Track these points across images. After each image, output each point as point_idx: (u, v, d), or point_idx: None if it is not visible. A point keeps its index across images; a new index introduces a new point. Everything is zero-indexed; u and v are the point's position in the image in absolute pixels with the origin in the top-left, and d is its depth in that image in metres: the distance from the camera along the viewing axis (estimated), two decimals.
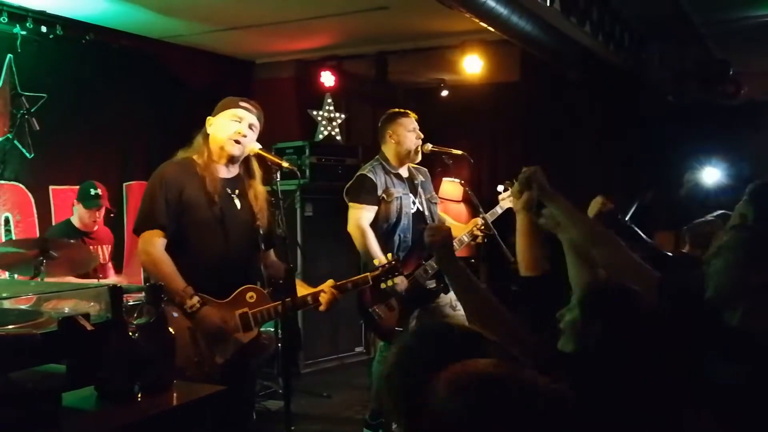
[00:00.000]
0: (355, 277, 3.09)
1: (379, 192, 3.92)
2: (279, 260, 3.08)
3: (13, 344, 1.46)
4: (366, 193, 3.91)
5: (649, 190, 5.24)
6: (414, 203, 4.03)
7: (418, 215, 4.03)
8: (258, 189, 2.96)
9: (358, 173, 4.04)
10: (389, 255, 3.20)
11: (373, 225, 3.91)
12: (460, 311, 4.11)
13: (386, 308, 3.87)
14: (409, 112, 4.11)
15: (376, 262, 3.31)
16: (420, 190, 4.10)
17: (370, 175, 3.95)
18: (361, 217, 3.88)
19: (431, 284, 3.99)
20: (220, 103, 2.95)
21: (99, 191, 4.56)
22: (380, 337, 4.01)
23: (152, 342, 1.68)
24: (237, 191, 2.90)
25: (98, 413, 1.60)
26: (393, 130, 4.02)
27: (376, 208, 3.91)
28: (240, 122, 2.86)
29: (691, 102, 6.16)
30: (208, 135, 2.88)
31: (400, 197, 3.97)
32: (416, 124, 4.05)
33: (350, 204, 3.95)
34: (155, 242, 2.70)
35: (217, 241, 2.79)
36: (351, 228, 3.91)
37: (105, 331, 1.60)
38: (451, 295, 4.13)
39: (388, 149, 4.05)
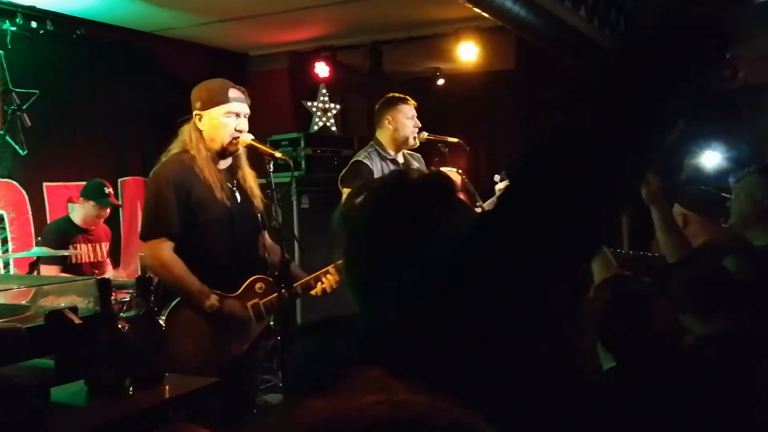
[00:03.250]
0: None
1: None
2: (275, 243, 3.05)
3: None
4: (360, 179, 3.76)
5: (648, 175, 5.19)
6: None
7: None
8: (246, 170, 2.91)
9: (353, 160, 3.94)
10: None
11: None
12: None
13: None
14: (408, 98, 4.02)
15: None
16: None
17: (366, 161, 3.86)
18: None
19: None
20: (203, 93, 2.80)
21: (110, 190, 4.57)
22: None
23: (142, 335, 1.65)
24: (235, 181, 2.87)
25: (88, 408, 1.58)
26: (392, 116, 3.91)
27: None
28: (237, 117, 2.79)
29: None
30: (200, 131, 2.77)
31: None
32: (415, 111, 3.97)
33: (345, 191, 3.84)
34: (164, 247, 2.65)
35: (227, 236, 2.76)
36: None
37: (94, 324, 1.57)
38: None
39: (384, 135, 3.95)
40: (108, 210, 4.60)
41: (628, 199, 0.91)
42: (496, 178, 4.17)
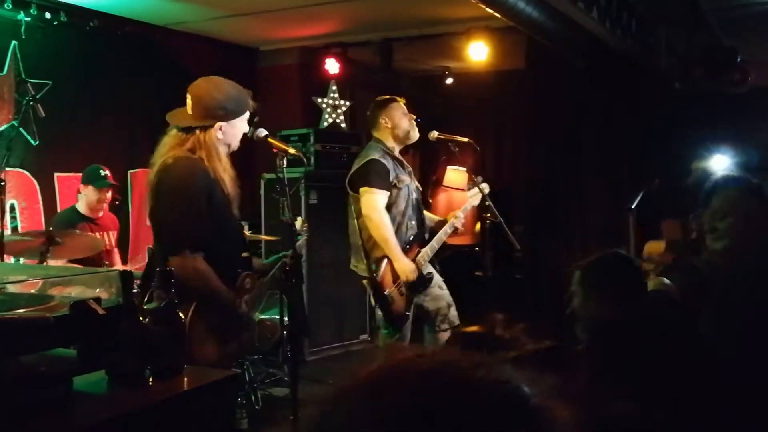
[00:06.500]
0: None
1: (391, 178, 3.91)
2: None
3: (25, 327, 1.45)
4: (379, 177, 3.86)
5: (656, 178, 5.21)
6: (414, 190, 4.08)
7: (416, 201, 4.08)
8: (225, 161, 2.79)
9: (367, 159, 3.95)
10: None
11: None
12: (446, 291, 4.15)
13: (398, 292, 3.90)
14: (396, 98, 4.13)
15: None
16: (413, 177, 4.17)
17: (383, 160, 3.91)
18: (378, 201, 3.82)
19: (428, 269, 4.06)
20: (227, 102, 2.66)
21: (107, 172, 4.56)
22: (391, 322, 3.98)
23: (163, 327, 1.68)
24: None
25: (109, 397, 1.61)
26: (387, 116, 4.01)
27: (388, 193, 3.87)
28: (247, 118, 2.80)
29: (698, 89, 6.13)
30: (218, 139, 2.67)
31: (408, 184, 3.99)
32: (405, 108, 4.08)
33: (363, 189, 3.86)
34: (197, 257, 2.56)
35: (234, 237, 2.79)
36: (369, 212, 3.81)
37: (116, 315, 1.60)
38: (437, 277, 4.18)
39: (384, 135, 4.03)
40: (108, 193, 4.57)
41: None
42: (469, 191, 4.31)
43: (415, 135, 4.07)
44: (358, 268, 4.03)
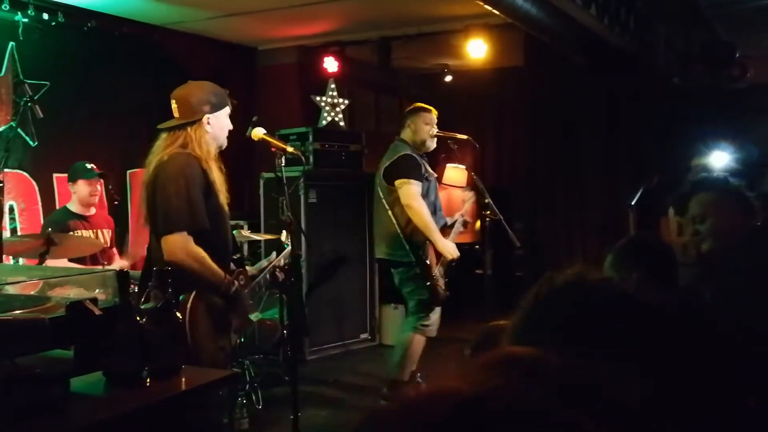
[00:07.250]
0: None
1: (422, 171, 4.14)
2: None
3: (20, 329, 1.45)
4: (414, 170, 4.11)
5: (655, 174, 5.21)
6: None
7: None
8: (214, 153, 2.88)
9: (401, 153, 4.16)
10: None
11: None
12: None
13: (440, 273, 4.17)
14: (431, 108, 4.35)
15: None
16: None
17: (415, 155, 4.16)
18: (416, 191, 4.07)
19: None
20: (210, 97, 2.80)
21: (92, 165, 4.54)
22: (435, 301, 4.19)
23: (160, 327, 1.68)
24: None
25: (107, 398, 1.60)
26: (412, 120, 4.28)
27: (422, 184, 4.12)
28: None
29: (698, 85, 6.13)
30: (207, 132, 2.77)
31: (433, 179, 4.27)
32: (435, 119, 4.30)
33: (400, 181, 4.08)
34: (191, 240, 2.62)
35: (224, 231, 2.81)
36: (410, 201, 4.05)
37: (113, 315, 1.60)
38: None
39: (407, 136, 4.27)
40: (99, 184, 4.56)
41: None
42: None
43: (431, 146, 4.30)
44: (394, 255, 4.20)
